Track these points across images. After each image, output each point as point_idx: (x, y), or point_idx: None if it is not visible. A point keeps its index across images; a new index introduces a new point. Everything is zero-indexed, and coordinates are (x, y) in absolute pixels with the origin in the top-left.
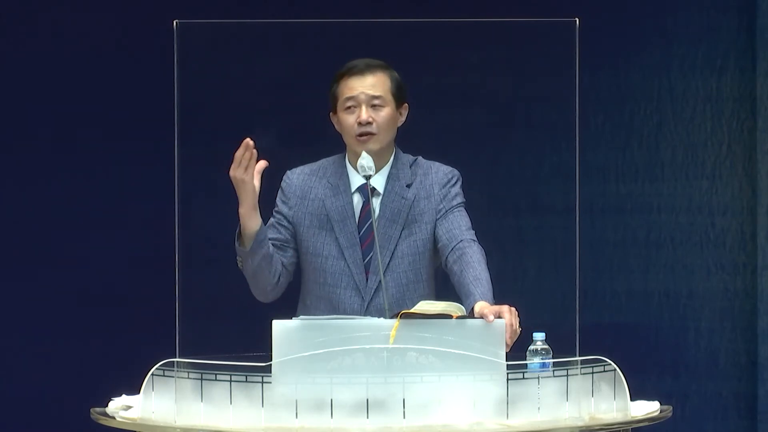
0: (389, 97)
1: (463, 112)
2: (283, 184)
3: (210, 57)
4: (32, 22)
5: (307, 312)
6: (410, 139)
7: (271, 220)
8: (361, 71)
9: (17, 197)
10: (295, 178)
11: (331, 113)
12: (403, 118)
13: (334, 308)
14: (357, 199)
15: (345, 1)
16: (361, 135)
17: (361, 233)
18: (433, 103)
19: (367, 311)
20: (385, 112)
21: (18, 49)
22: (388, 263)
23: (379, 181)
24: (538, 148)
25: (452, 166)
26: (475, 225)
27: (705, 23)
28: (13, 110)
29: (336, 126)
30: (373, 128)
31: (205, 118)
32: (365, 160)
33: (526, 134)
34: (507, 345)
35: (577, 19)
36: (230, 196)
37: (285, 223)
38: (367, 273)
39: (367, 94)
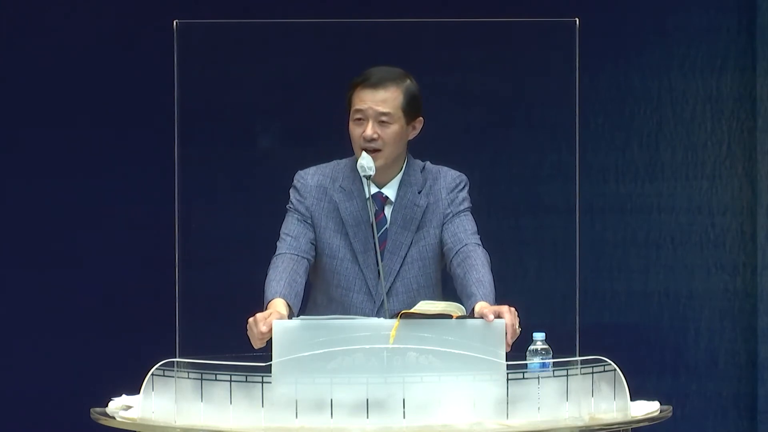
0: (398, 114)
1: (463, 112)
2: (297, 184)
3: (210, 57)
4: (32, 22)
5: (317, 311)
6: (410, 140)
7: (294, 216)
8: (373, 85)
9: (17, 197)
10: (309, 178)
11: (347, 115)
12: (417, 132)
13: (346, 311)
14: (370, 205)
15: (346, 1)
16: (366, 149)
17: (374, 239)
18: (433, 103)
19: (378, 315)
20: (391, 129)
21: (18, 49)
22: (399, 269)
23: (391, 190)
24: (538, 148)
25: (452, 166)
26: (476, 225)
27: (705, 23)
28: (13, 110)
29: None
30: (377, 144)
31: (205, 118)
32: (365, 160)
33: (526, 134)
34: (507, 345)
35: (577, 19)
36: (230, 196)
37: (309, 221)
38: (379, 278)
39: (375, 110)
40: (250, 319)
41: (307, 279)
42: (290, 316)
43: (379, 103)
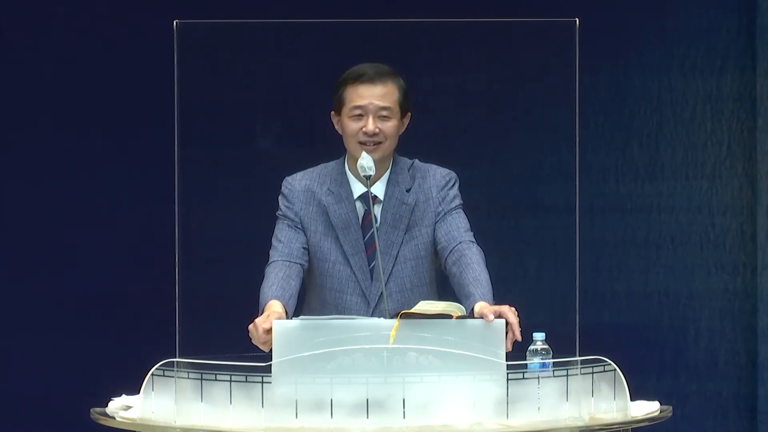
0: (396, 108)
1: (463, 112)
2: (284, 190)
3: (210, 57)
4: (32, 22)
5: (311, 315)
6: (410, 140)
7: (284, 222)
8: (371, 80)
9: (17, 197)
10: (297, 183)
11: (332, 112)
12: (404, 127)
13: (340, 314)
14: (359, 206)
15: (345, 1)
16: (366, 144)
17: (365, 240)
18: (433, 103)
19: (372, 317)
20: (391, 123)
21: (18, 49)
22: (391, 269)
23: (379, 189)
24: (538, 148)
25: (452, 167)
26: (475, 225)
27: (705, 23)
28: (13, 110)
29: (336, 126)
30: (379, 138)
31: (205, 118)
32: (365, 160)
33: (526, 134)
34: (510, 343)
35: (577, 19)
36: (230, 196)
37: (299, 225)
38: (372, 279)
39: (376, 104)
40: (251, 327)
41: (302, 283)
42: (286, 317)
43: (379, 98)
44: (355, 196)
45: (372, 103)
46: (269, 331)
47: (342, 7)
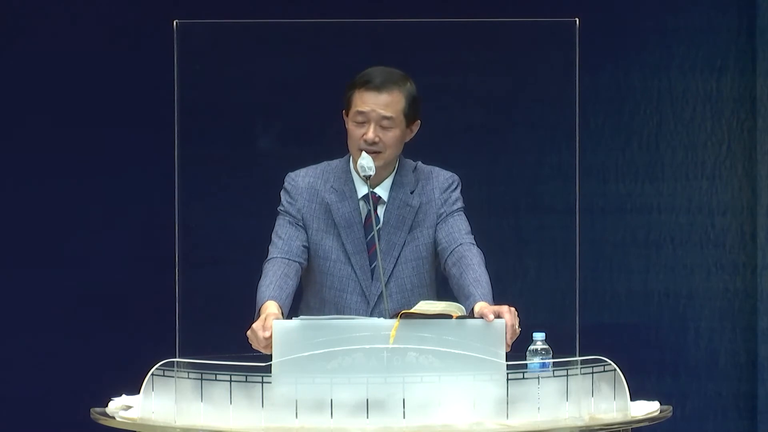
0: (400, 118)
1: (463, 112)
2: (287, 186)
3: (210, 57)
4: (32, 22)
5: (310, 314)
6: (411, 140)
7: (285, 218)
8: (377, 87)
9: (17, 197)
10: (300, 180)
11: (344, 111)
12: (413, 134)
13: (339, 313)
14: (363, 205)
15: (346, 1)
16: (365, 151)
17: (367, 239)
18: (433, 103)
19: (371, 316)
20: (393, 133)
21: (18, 48)
22: (392, 270)
23: (383, 192)
24: (538, 148)
25: (452, 167)
26: (475, 225)
27: (705, 23)
28: (12, 110)
29: (346, 126)
30: (378, 147)
31: (205, 118)
32: (365, 160)
33: (526, 134)
34: (507, 345)
35: (577, 19)
36: (230, 196)
37: (300, 223)
38: (373, 278)
39: (378, 113)
40: (249, 332)
41: (300, 282)
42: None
43: (382, 106)
44: (359, 195)
45: (374, 111)
46: (269, 337)
47: (342, 7)
